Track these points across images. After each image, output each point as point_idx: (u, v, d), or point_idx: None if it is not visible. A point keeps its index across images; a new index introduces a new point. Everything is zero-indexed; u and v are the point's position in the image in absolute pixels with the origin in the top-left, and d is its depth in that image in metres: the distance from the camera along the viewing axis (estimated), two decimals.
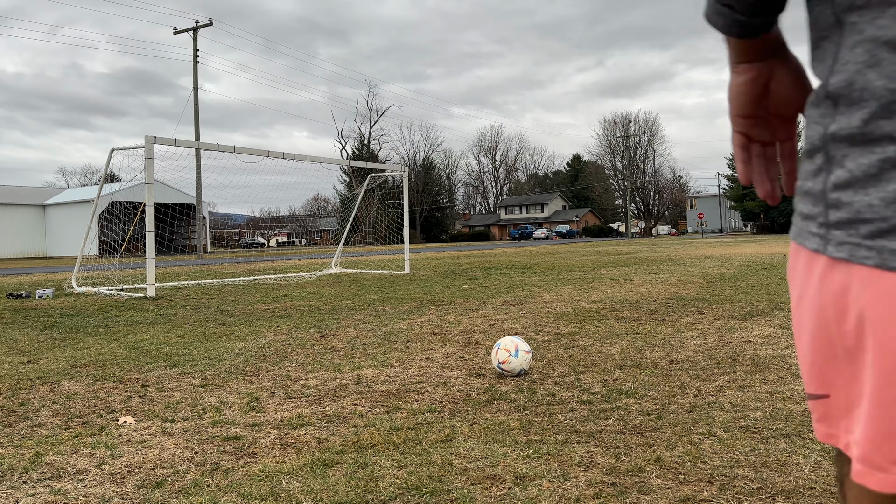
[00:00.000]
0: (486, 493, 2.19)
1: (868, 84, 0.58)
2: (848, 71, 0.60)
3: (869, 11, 0.57)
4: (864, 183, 0.60)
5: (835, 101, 0.62)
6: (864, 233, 0.60)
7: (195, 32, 32.07)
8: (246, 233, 65.69)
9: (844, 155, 0.61)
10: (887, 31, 0.54)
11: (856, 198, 0.60)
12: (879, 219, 0.58)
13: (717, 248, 26.13)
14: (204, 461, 2.55)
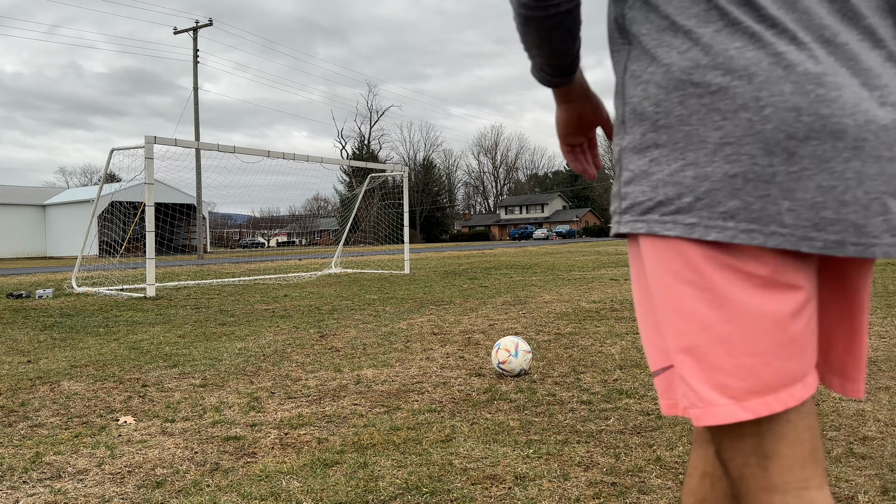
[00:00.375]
0: (486, 493, 2.19)
1: (644, 110, 0.86)
2: (632, 103, 0.88)
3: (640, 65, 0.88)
4: (639, 178, 0.86)
5: (625, 125, 0.90)
6: (638, 211, 0.86)
7: (195, 32, 32.08)
8: (246, 233, 65.71)
9: (629, 161, 0.88)
10: (654, 75, 0.85)
11: (635, 189, 0.87)
12: (647, 200, 0.85)
13: None
14: (204, 461, 2.55)
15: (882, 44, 0.84)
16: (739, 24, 0.81)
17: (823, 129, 0.78)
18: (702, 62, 0.82)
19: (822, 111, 0.78)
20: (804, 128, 0.78)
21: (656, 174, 0.85)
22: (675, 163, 0.83)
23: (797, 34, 0.80)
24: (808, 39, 0.80)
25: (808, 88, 0.79)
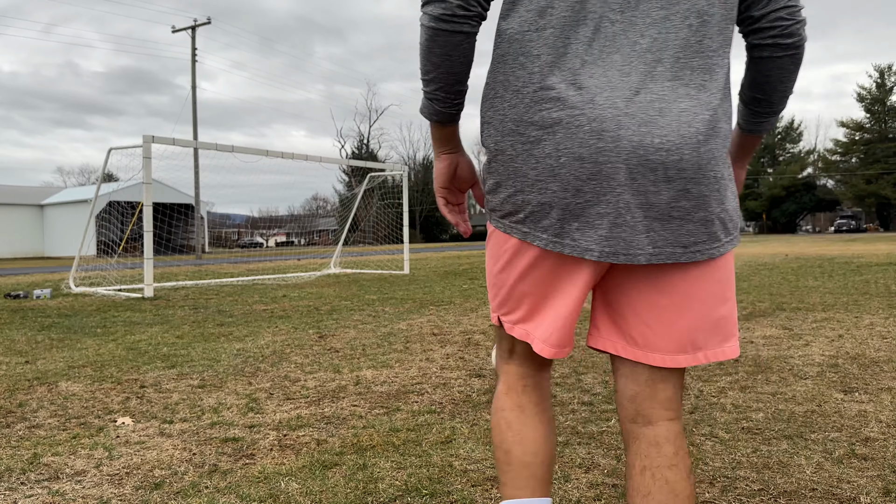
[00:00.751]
0: (487, 494, 2.18)
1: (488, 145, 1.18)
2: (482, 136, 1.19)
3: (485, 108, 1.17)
4: (493, 192, 1.19)
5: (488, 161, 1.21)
6: (498, 215, 1.19)
7: (193, 31, 32.05)
8: (244, 233, 65.66)
9: (486, 176, 1.21)
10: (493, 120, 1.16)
11: (493, 199, 1.19)
12: (500, 209, 1.18)
13: None
14: (202, 462, 2.53)
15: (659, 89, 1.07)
16: (550, 90, 1.08)
17: (600, 173, 1.05)
18: (524, 117, 1.10)
19: (599, 159, 1.05)
20: (586, 172, 1.06)
21: (501, 193, 1.17)
22: (510, 189, 1.15)
23: (585, 95, 1.06)
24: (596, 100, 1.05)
25: (591, 143, 1.05)
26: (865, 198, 59.26)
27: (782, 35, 1.15)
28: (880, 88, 59.29)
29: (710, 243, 1.11)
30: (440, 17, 1.12)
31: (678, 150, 1.05)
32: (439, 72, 1.16)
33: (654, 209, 1.07)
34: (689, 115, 1.06)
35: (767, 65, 1.19)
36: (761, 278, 10.29)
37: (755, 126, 1.29)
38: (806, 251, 19.94)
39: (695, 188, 1.07)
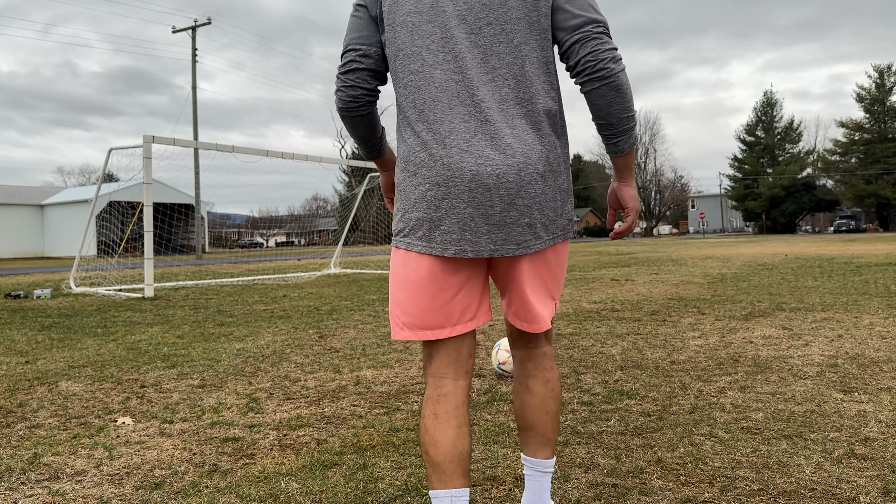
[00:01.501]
0: (487, 494, 2.18)
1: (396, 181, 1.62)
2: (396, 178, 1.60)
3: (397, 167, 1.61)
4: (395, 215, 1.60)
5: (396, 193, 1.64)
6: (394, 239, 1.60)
7: (194, 31, 32.04)
8: (244, 233, 65.63)
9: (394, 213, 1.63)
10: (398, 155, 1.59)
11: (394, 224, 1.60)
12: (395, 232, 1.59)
13: (718, 248, 26.12)
14: (202, 462, 2.53)
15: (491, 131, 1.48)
16: (418, 135, 1.52)
17: (450, 193, 1.48)
18: (407, 155, 1.54)
19: (449, 184, 1.47)
20: (441, 193, 1.48)
21: (398, 214, 1.58)
22: (401, 210, 1.57)
23: (438, 140, 1.49)
24: (446, 142, 1.48)
25: (443, 172, 1.48)
26: (865, 198, 59.25)
27: (592, 73, 1.47)
28: (880, 89, 59.27)
29: (534, 241, 1.54)
30: (341, 109, 1.63)
31: (504, 175, 1.47)
32: (354, 137, 1.71)
33: (491, 218, 1.49)
34: (511, 150, 1.47)
35: (592, 97, 1.50)
36: (761, 278, 10.29)
37: (614, 148, 1.57)
38: (805, 251, 19.94)
39: (519, 201, 1.48)
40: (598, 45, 1.46)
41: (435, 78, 1.50)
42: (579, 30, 1.47)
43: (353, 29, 1.59)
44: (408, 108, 1.53)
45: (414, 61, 1.51)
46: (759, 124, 68.95)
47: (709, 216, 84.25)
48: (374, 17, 1.57)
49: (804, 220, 74.83)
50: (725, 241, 39.95)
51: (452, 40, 1.49)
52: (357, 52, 1.57)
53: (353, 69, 1.57)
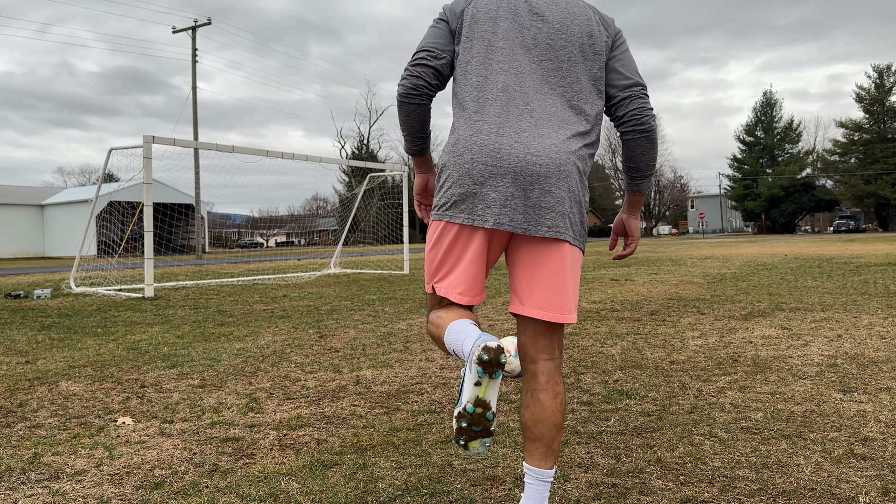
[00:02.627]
0: (487, 494, 2.18)
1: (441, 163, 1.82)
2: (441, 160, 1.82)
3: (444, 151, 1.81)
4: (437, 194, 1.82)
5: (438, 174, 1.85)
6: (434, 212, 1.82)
7: (194, 32, 32.03)
8: (244, 233, 65.59)
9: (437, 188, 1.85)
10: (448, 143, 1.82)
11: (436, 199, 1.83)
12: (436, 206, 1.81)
13: (718, 248, 26.13)
14: (202, 462, 2.54)
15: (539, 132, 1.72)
16: (475, 124, 1.74)
17: (497, 172, 1.70)
18: (459, 140, 1.77)
19: (497, 164, 1.70)
20: (488, 171, 1.70)
21: (440, 191, 1.80)
22: (444, 187, 1.78)
23: (493, 129, 1.72)
24: (499, 132, 1.71)
25: (493, 154, 1.70)
26: (864, 198, 59.20)
27: (636, 125, 1.80)
28: (879, 89, 59.26)
29: (563, 230, 1.72)
30: (401, 94, 1.83)
31: (546, 166, 1.69)
32: (404, 126, 1.86)
33: (529, 200, 1.69)
34: (555, 148, 1.71)
35: (631, 144, 1.83)
36: (760, 278, 10.29)
37: (636, 187, 1.89)
38: (805, 251, 19.94)
39: (556, 191, 1.70)
40: (643, 104, 1.80)
41: (499, 82, 1.76)
42: (629, 89, 1.81)
43: (430, 35, 1.86)
44: (469, 102, 1.77)
45: (484, 67, 1.79)
46: (758, 124, 68.93)
47: (708, 216, 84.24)
48: (452, 31, 1.85)
49: (804, 221, 74.82)
50: (725, 241, 39.95)
51: (517, 61, 1.78)
52: (430, 52, 1.82)
53: (423, 64, 1.81)
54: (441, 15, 1.89)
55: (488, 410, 1.61)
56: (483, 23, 1.81)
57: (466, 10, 1.84)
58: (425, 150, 1.92)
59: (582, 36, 1.80)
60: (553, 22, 1.80)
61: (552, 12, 1.81)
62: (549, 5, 1.82)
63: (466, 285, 1.76)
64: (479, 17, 1.82)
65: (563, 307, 1.75)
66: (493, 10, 1.82)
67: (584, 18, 1.82)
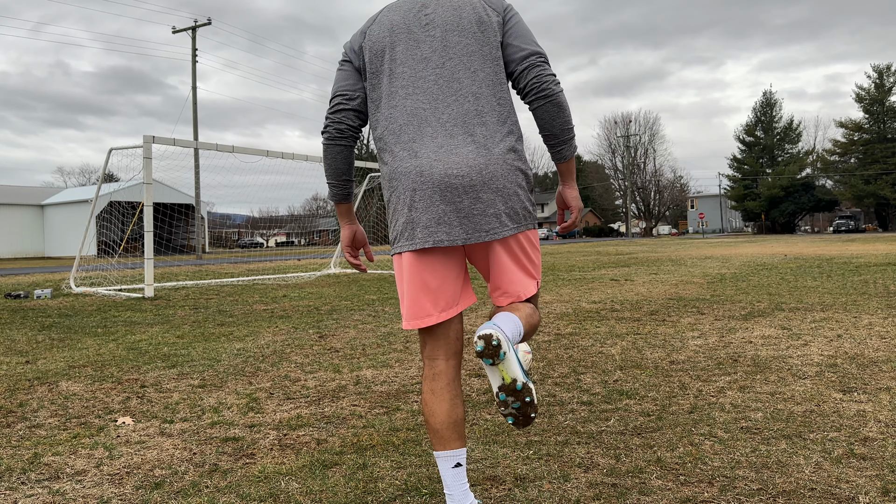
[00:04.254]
0: (486, 494, 2.18)
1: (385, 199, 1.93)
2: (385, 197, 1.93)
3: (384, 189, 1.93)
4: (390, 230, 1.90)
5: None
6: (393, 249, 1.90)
7: (194, 32, 32.02)
8: (244, 233, 65.58)
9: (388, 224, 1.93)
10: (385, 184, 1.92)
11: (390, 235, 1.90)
12: (391, 241, 1.89)
13: (717, 248, 26.13)
14: (202, 462, 2.54)
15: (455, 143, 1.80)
16: (395, 154, 1.84)
17: (424, 195, 1.78)
18: (388, 173, 1.86)
19: (423, 187, 1.78)
20: (417, 196, 1.79)
21: (390, 226, 1.89)
22: (392, 222, 1.87)
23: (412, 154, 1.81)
24: (418, 154, 1.80)
25: (416, 178, 1.79)
26: (864, 198, 59.21)
27: (538, 93, 1.82)
28: (879, 89, 59.27)
29: (501, 228, 1.81)
30: (327, 139, 1.93)
31: (468, 176, 1.77)
32: (330, 170, 1.95)
33: (461, 211, 1.78)
34: (473, 155, 1.78)
35: (539, 112, 1.85)
36: (760, 278, 10.29)
37: (557, 155, 1.92)
38: (804, 251, 19.95)
39: (483, 196, 1.78)
40: (541, 71, 1.83)
41: (408, 107, 1.84)
42: (527, 59, 1.84)
43: (340, 79, 1.94)
44: (387, 135, 1.86)
45: (392, 98, 1.86)
46: (758, 124, 68.94)
47: (708, 216, 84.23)
48: (358, 69, 1.92)
49: (803, 221, 74.82)
50: (725, 241, 39.96)
51: (420, 78, 1.85)
52: (344, 96, 1.91)
53: (341, 109, 1.91)
54: (344, 56, 1.96)
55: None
56: (381, 53, 1.88)
57: (364, 47, 1.91)
58: (349, 195, 2.00)
59: (472, 25, 1.85)
60: (442, 23, 1.86)
61: (439, 15, 1.87)
62: (436, 10, 1.88)
63: (431, 304, 1.83)
64: (376, 50, 1.89)
65: (524, 290, 1.88)
66: (387, 36, 1.88)
67: (469, 8, 1.87)
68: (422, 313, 1.83)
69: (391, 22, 1.89)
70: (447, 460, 1.83)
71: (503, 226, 1.81)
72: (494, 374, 1.70)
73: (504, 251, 1.84)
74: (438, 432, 1.83)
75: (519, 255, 1.87)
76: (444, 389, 1.85)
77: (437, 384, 1.85)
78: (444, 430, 1.83)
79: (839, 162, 63.71)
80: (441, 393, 1.84)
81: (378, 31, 1.90)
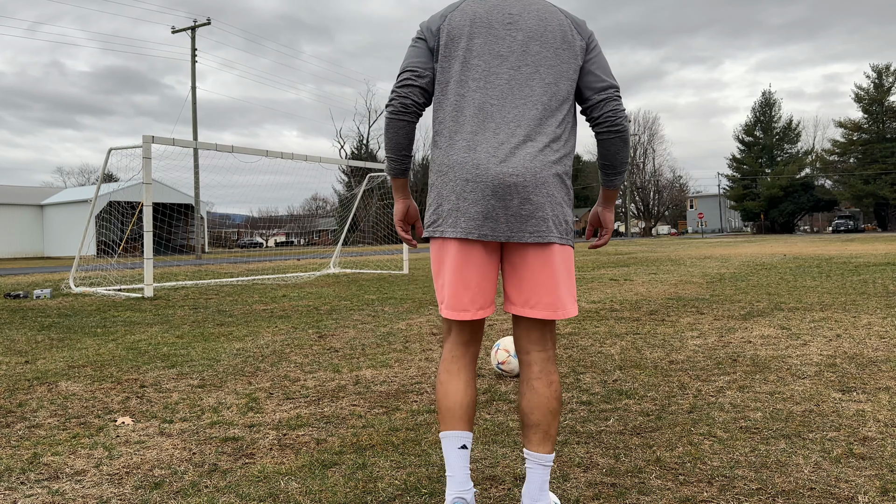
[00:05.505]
0: (486, 493, 2.18)
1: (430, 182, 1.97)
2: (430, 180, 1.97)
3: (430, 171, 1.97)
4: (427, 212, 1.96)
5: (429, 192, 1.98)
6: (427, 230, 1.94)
7: (193, 32, 32.01)
8: (244, 233, 65.54)
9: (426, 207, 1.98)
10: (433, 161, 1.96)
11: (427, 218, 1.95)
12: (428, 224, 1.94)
13: (717, 248, 26.13)
14: (202, 462, 2.54)
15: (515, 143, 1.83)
16: (455, 143, 1.87)
17: (477, 188, 1.81)
18: (442, 159, 1.90)
19: (477, 180, 1.81)
20: (469, 187, 1.82)
21: (430, 208, 1.93)
22: (434, 204, 1.91)
23: (471, 146, 1.84)
24: (477, 149, 1.83)
25: (472, 170, 1.82)
26: (863, 198, 59.23)
27: (611, 126, 1.90)
28: (878, 89, 59.29)
29: (546, 233, 1.83)
30: (391, 113, 1.93)
31: (522, 176, 1.80)
32: (391, 144, 1.95)
33: (510, 210, 1.81)
34: (531, 157, 1.82)
35: (605, 144, 1.93)
36: (759, 278, 10.30)
37: (610, 183, 2.02)
38: (804, 251, 19.95)
39: (534, 198, 1.81)
40: (617, 106, 1.91)
41: (475, 100, 1.86)
42: (604, 91, 1.91)
43: (412, 55, 1.95)
44: (449, 121, 1.89)
45: (461, 86, 1.88)
46: (757, 124, 68.95)
47: (707, 216, 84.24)
48: (431, 49, 1.94)
49: (803, 220, 74.84)
50: (724, 240, 39.96)
51: (493, 74, 1.88)
52: (414, 72, 1.92)
53: (409, 85, 1.92)
54: (419, 34, 1.98)
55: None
56: (458, 39, 1.90)
57: (442, 28, 1.93)
58: (407, 170, 2.02)
59: (556, 40, 1.89)
60: (527, 29, 1.89)
61: (525, 20, 1.90)
62: (521, 14, 1.91)
63: (469, 300, 1.87)
64: (453, 35, 1.91)
65: (556, 305, 1.87)
66: (467, 25, 1.90)
67: (556, 24, 1.91)
68: (459, 307, 1.87)
69: (474, 12, 1.91)
70: (454, 440, 1.87)
71: (549, 231, 1.83)
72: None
73: (546, 259, 1.85)
74: (450, 410, 1.88)
75: (560, 268, 1.87)
76: (462, 370, 1.92)
77: (454, 366, 1.93)
78: (455, 409, 1.88)
79: (838, 162, 63.71)
80: (458, 374, 1.92)
81: (459, 18, 1.92)
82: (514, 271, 1.88)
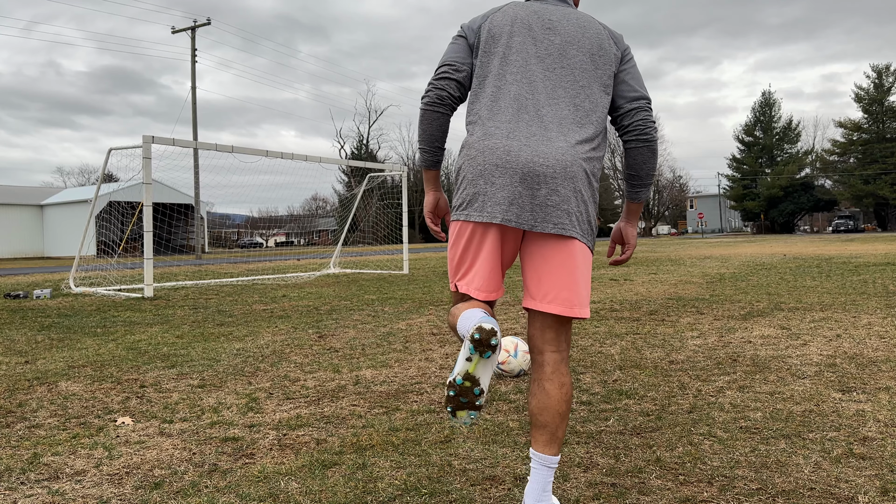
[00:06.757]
0: (486, 493, 2.18)
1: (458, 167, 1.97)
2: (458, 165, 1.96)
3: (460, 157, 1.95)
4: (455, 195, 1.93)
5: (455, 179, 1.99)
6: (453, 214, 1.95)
7: (193, 32, 32.01)
8: (244, 233, 65.53)
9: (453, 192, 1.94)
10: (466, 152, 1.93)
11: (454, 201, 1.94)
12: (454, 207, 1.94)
13: (717, 248, 26.13)
14: (202, 462, 2.54)
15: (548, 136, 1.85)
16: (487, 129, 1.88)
17: (506, 173, 1.82)
18: (472, 143, 1.90)
19: (507, 166, 1.82)
20: (498, 172, 1.83)
21: (457, 192, 1.92)
22: (461, 188, 1.91)
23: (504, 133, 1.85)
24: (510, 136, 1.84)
25: (503, 156, 1.83)
26: (863, 198, 59.21)
27: (640, 135, 1.93)
28: (878, 89, 59.28)
29: (570, 227, 1.82)
30: (427, 104, 1.97)
31: (552, 167, 1.81)
32: (425, 135, 1.99)
33: (536, 199, 1.81)
34: (562, 150, 1.83)
35: (634, 153, 1.96)
36: (759, 278, 10.30)
37: (635, 195, 2.03)
38: (804, 251, 19.95)
39: (562, 190, 1.81)
40: (647, 116, 1.95)
41: (512, 91, 1.90)
42: (636, 101, 1.95)
43: (451, 51, 2.01)
44: (485, 111, 1.91)
45: (499, 79, 1.93)
46: (757, 124, 68.94)
47: (707, 216, 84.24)
48: (471, 46, 1.99)
49: (802, 220, 74.83)
50: (724, 240, 39.96)
51: (530, 71, 1.92)
52: (452, 66, 1.97)
53: (446, 77, 1.97)
54: (460, 32, 2.04)
55: (476, 386, 1.71)
56: (498, 38, 1.96)
57: (483, 27, 1.99)
58: (439, 162, 2.05)
59: (592, 47, 1.94)
60: (565, 34, 1.94)
61: (564, 26, 1.95)
62: (560, 20, 1.96)
63: (483, 282, 1.88)
64: (494, 33, 1.96)
65: (573, 301, 1.84)
66: (508, 25, 1.97)
67: (594, 32, 1.96)
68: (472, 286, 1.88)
69: (515, 14, 1.98)
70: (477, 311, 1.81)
71: (572, 225, 1.83)
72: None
73: (568, 253, 1.84)
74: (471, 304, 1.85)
75: (580, 264, 1.85)
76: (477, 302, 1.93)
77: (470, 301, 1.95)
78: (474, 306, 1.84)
79: (838, 162, 63.70)
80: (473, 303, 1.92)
81: (501, 19, 1.98)
82: (533, 264, 1.88)
